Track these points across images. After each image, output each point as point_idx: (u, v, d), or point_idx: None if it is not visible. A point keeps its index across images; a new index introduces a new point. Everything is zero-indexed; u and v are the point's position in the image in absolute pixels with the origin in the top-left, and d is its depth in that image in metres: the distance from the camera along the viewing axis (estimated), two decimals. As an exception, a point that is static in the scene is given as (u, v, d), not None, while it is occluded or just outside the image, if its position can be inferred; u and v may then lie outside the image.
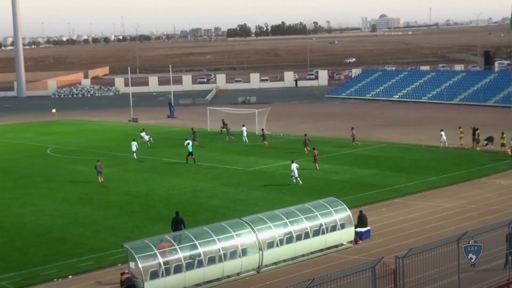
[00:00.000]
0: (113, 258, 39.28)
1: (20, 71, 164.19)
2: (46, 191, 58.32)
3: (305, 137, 73.83)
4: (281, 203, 48.12)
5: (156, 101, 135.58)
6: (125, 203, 53.05)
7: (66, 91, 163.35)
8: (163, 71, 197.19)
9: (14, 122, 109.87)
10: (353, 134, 76.74)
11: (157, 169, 66.35)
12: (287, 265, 38.01)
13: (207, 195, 54.82)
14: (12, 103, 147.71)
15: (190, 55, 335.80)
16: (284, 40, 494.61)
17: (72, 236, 44.72)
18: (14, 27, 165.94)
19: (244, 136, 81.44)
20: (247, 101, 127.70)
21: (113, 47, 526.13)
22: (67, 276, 37.12)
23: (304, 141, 72.96)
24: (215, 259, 35.61)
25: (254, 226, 37.49)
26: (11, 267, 38.76)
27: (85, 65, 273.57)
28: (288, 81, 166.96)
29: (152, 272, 33.71)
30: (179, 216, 41.77)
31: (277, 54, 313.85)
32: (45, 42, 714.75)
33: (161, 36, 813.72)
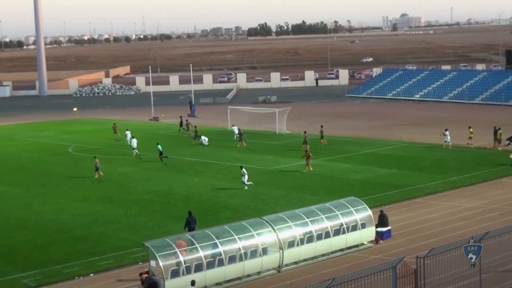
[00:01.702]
0: (134, 256, 39.41)
1: (42, 70, 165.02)
2: (67, 190, 58.59)
3: (305, 134, 74.95)
4: (302, 203, 48.08)
5: (177, 100, 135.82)
6: (145, 201, 53.20)
7: (87, 90, 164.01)
8: (184, 70, 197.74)
9: (35, 121, 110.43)
10: (321, 132, 77.41)
11: (177, 168, 66.47)
12: (307, 264, 37.97)
13: (227, 194, 54.86)
14: (34, 102, 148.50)
15: (210, 54, 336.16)
16: (305, 39, 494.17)
17: (93, 234, 44.91)
18: (36, 27, 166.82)
19: (236, 134, 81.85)
20: (267, 101, 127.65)
21: (134, 46, 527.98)
22: (88, 274, 37.29)
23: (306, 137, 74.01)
24: (235, 258, 35.63)
25: (275, 225, 37.49)
26: (33, 265, 39.00)
27: (106, 64, 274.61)
28: (308, 80, 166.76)
29: (173, 270, 33.78)
30: (192, 215, 41.89)
31: (298, 53, 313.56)
32: (67, 41, 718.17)
33: (182, 35, 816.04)
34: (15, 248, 42.63)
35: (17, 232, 46.11)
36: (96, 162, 63.31)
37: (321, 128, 77.85)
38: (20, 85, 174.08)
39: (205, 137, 79.89)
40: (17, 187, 60.31)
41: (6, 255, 41.26)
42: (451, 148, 71.24)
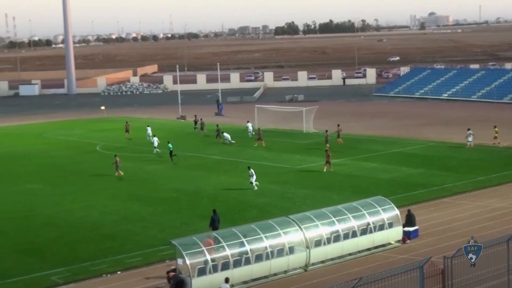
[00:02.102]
0: (161, 254, 39.59)
1: (71, 69, 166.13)
2: (95, 188, 58.98)
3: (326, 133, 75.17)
4: (329, 202, 48.03)
5: (204, 99, 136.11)
6: (173, 200, 53.43)
7: (115, 89, 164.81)
8: (211, 69, 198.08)
9: (64, 119, 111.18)
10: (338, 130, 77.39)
11: (205, 167, 66.65)
12: (334, 263, 37.95)
13: (254, 193, 54.91)
14: (63, 100, 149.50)
15: (238, 53, 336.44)
16: (332, 38, 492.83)
17: (121, 232, 45.19)
18: (64, 26, 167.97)
19: (250, 132, 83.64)
20: (294, 99, 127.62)
21: (161, 45, 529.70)
22: (115, 272, 37.54)
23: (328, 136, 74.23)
24: (262, 256, 35.70)
25: (302, 224, 37.52)
26: (61, 262, 39.32)
27: (134, 62, 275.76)
28: (335, 79, 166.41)
29: (200, 269, 33.91)
30: (217, 214, 42.02)
31: (325, 52, 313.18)
32: (95, 40, 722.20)
33: (209, 34, 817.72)
34: (44, 245, 43.01)
35: (46, 229, 46.52)
36: (117, 161, 63.67)
37: (338, 127, 77.79)
38: (49, 83, 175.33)
39: (227, 135, 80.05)
40: (46, 185, 60.80)
41: (35, 252, 41.65)
42: (473, 148, 70.75)
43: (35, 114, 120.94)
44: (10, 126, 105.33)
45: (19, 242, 43.78)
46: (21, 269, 38.42)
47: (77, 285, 35.85)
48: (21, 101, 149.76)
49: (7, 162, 73.44)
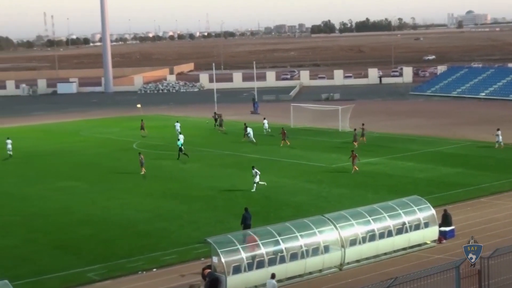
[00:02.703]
0: (197, 252, 39.72)
1: (108, 67, 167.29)
2: (131, 185, 59.33)
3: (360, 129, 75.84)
4: (364, 201, 47.86)
5: (240, 97, 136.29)
6: (208, 198, 53.58)
7: (151, 87, 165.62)
8: (247, 67, 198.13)
9: (101, 117, 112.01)
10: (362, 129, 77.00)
11: (240, 165, 66.70)
12: (369, 263, 37.82)
13: (289, 191, 54.92)
14: (100, 98, 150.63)
15: (274, 51, 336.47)
16: (369, 36, 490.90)
17: (156, 230, 45.42)
18: (102, 24, 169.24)
19: (266, 129, 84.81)
20: (330, 98, 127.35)
21: (198, 43, 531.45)
22: (151, 269, 37.75)
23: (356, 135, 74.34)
24: (297, 255, 35.69)
25: (337, 223, 37.44)
26: (97, 259, 39.64)
27: (170, 61, 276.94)
28: (372, 78, 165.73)
29: (235, 267, 33.97)
30: (248, 212, 42.05)
31: (361, 50, 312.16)
32: (132, 38, 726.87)
33: (245, 32, 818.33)
34: (81, 242, 43.37)
35: (83, 226, 46.89)
36: (141, 158, 64.05)
37: (362, 126, 77.47)
38: (86, 81, 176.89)
39: (250, 130, 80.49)
40: (82, 183, 61.29)
41: (72, 249, 42.02)
42: (503, 148, 70.07)
43: (72, 112, 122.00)
44: (48, 123, 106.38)
45: (56, 239, 44.21)
46: (58, 266, 38.79)
47: (113, 282, 36.09)
48: (59, 99, 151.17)
49: (45, 160, 74.18)
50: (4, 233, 45.80)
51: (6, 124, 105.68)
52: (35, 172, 67.10)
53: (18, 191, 58.76)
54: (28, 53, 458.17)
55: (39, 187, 59.95)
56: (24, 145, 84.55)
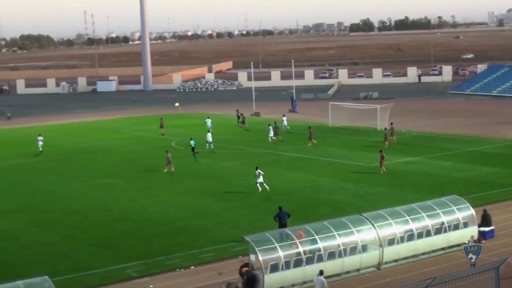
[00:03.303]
0: (234, 250, 39.83)
1: (147, 65, 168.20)
2: (169, 183, 59.64)
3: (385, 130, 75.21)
4: (402, 200, 47.61)
5: (278, 96, 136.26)
6: (246, 196, 53.67)
7: (190, 85, 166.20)
8: (285, 65, 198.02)
9: (140, 115, 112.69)
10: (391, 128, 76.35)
11: (278, 163, 66.70)
12: (407, 262, 37.63)
13: (327, 190, 54.83)
14: (139, 96, 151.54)
15: (312, 50, 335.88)
16: (408, 35, 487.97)
17: (194, 227, 45.62)
18: (141, 23, 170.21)
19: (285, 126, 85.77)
20: (369, 97, 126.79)
21: (236, 42, 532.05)
22: (189, 267, 37.93)
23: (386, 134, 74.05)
24: (335, 254, 35.62)
25: (375, 223, 37.30)
26: (136, 256, 39.91)
27: (209, 59, 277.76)
28: (411, 76, 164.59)
29: (273, 265, 34.00)
30: (283, 211, 42.01)
31: (400, 49, 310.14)
32: (171, 37, 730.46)
33: (284, 31, 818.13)
34: (119, 239, 43.72)
35: (121, 223, 47.27)
36: (169, 156, 64.45)
37: (391, 125, 76.98)
38: (126, 79, 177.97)
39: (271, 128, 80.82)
40: (121, 180, 61.75)
41: (111, 246, 42.37)
42: None
43: (111, 110, 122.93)
44: (88, 121, 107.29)
45: (95, 236, 44.59)
46: (97, 262, 39.15)
47: (151, 279, 36.30)
48: (99, 97, 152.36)
49: (84, 157, 74.82)
50: (44, 230, 46.33)
51: (47, 122, 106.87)
52: (75, 170, 67.73)
53: (58, 188, 59.38)
54: (69, 52, 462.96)
55: (79, 184, 60.52)
56: (64, 142, 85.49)
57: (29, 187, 60.19)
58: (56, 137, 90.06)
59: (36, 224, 47.69)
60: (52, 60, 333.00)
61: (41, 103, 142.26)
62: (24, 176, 65.12)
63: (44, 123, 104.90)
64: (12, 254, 41.44)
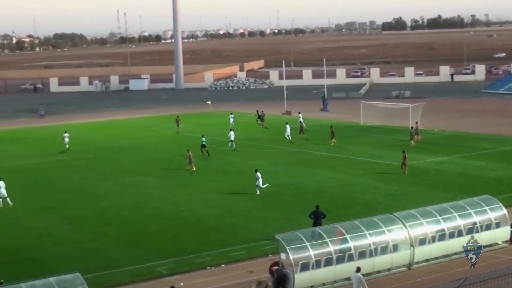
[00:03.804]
0: (265, 248, 39.85)
1: (179, 64, 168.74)
2: (200, 181, 59.79)
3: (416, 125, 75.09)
4: (434, 200, 47.30)
5: (310, 95, 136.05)
6: (277, 195, 53.67)
7: (222, 84, 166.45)
8: (317, 64, 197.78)
9: (171, 113, 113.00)
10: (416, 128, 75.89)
11: (309, 162, 66.66)
12: (439, 262, 37.43)
13: (359, 189, 54.68)
14: (171, 94, 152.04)
15: (344, 48, 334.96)
16: (440, 33, 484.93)
17: (225, 225, 45.71)
18: (174, 21, 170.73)
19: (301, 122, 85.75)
20: (401, 96, 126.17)
21: (268, 40, 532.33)
22: (219, 265, 38.02)
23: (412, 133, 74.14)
24: (365, 253, 35.52)
25: (406, 222, 37.14)
26: (167, 254, 40.08)
27: (241, 58, 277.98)
28: (443, 75, 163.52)
29: (303, 264, 33.98)
30: (319, 210, 41.98)
31: (433, 48, 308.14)
32: (203, 35, 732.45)
33: (315, 29, 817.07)
34: (150, 236, 43.93)
35: (152, 221, 47.49)
36: (190, 155, 64.75)
37: (416, 124, 76.48)
38: (158, 78, 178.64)
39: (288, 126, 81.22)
40: (153, 178, 62.03)
41: (142, 243, 42.58)
42: None
43: (144, 108, 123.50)
44: (120, 119, 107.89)
45: (126, 233, 44.85)
46: (128, 260, 39.37)
47: (182, 277, 36.43)
48: (131, 95, 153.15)
49: (116, 155, 75.31)
50: (76, 227, 46.68)
51: (79, 120, 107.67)
52: (107, 167, 68.18)
53: (90, 186, 59.79)
54: (101, 50, 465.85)
55: (110, 182, 60.90)
56: (96, 140, 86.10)
57: (62, 184, 60.69)
58: (88, 135, 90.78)
59: (68, 222, 48.08)
60: (85, 58, 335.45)
61: (73, 101, 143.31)
62: (56, 174, 65.68)
63: (76, 121, 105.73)
64: (44, 251, 41.84)
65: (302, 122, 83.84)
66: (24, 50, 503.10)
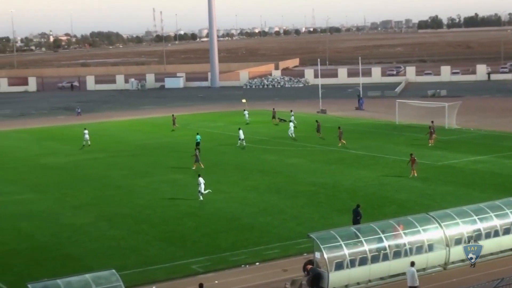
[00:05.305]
0: (299, 247, 39.88)
1: (214, 62, 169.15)
2: (236, 179, 59.97)
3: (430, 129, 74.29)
4: (470, 199, 47.02)
5: (345, 93, 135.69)
6: (311, 193, 53.67)
7: (257, 82, 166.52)
8: (352, 63, 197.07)
9: (207, 112, 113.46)
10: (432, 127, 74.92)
11: (344, 161, 66.56)
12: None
13: (394, 188, 54.49)
14: (206, 93, 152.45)
15: (380, 47, 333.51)
16: (477, 32, 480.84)
17: (260, 224, 45.81)
18: (209, 20, 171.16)
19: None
20: (437, 94, 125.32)
21: (303, 39, 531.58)
22: (254, 263, 38.12)
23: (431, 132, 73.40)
24: (400, 253, 35.42)
25: (442, 222, 36.96)
26: (202, 252, 40.30)
27: (276, 56, 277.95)
28: (480, 74, 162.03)
29: (337, 263, 33.96)
30: (358, 209, 41.95)
31: (469, 46, 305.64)
32: (238, 34, 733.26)
33: (351, 28, 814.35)
34: (186, 234, 44.17)
35: (188, 218, 47.74)
36: (197, 154, 65.48)
37: (431, 124, 75.82)
38: (193, 76, 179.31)
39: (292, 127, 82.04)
40: (188, 175, 62.24)
41: (177, 241, 42.83)
42: None
43: (180, 106, 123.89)
44: (156, 117, 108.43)
45: (162, 230, 45.14)
46: (163, 257, 39.65)
47: (217, 275, 36.58)
48: (167, 93, 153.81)
49: (152, 153, 75.73)
50: (112, 224, 47.09)
51: (115, 118, 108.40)
52: (143, 165, 68.62)
53: (126, 183, 60.25)
54: (138, 48, 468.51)
55: (147, 179, 61.29)
56: (132, 138, 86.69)
57: (99, 182, 61.21)
58: (124, 133, 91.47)
59: (104, 219, 48.51)
60: (122, 57, 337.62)
61: (110, 99, 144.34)
62: (94, 171, 66.26)
63: (112, 119, 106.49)
64: (81, 248, 42.25)
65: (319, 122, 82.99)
66: (61, 49, 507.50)
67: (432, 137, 73.24)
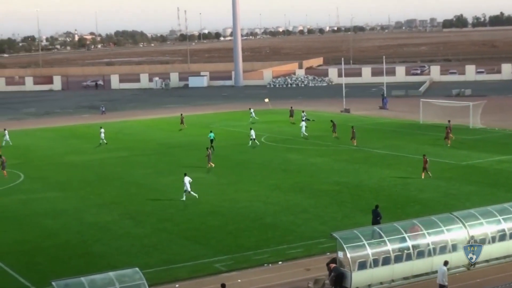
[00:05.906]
0: (322, 246, 39.86)
1: (238, 61, 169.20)
2: (259, 178, 59.98)
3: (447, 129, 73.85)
4: (495, 199, 46.77)
5: (369, 92, 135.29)
6: (335, 192, 53.59)
7: (280, 81, 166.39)
8: (376, 62, 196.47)
9: (230, 110, 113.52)
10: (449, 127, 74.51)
11: (368, 160, 66.39)
12: (499, 263, 36.99)
13: (417, 188, 54.27)
14: (230, 92, 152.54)
15: (404, 46, 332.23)
16: (503, 31, 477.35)
17: (283, 223, 45.81)
18: (233, 19, 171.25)
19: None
20: (461, 94, 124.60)
21: (327, 38, 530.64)
22: (277, 262, 38.13)
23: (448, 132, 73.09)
24: (424, 253, 35.29)
25: (466, 222, 36.76)
26: (225, 250, 40.36)
27: (299, 55, 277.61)
28: (505, 73, 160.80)
29: (360, 262, 33.90)
30: (377, 210, 41.83)
31: (495, 45, 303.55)
32: (262, 33, 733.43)
33: (375, 27, 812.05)
34: (209, 233, 44.24)
35: (211, 217, 47.83)
36: (209, 153, 65.63)
37: (448, 123, 75.24)
38: (217, 75, 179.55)
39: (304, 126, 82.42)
40: (211, 174, 62.43)
41: (200, 239, 42.92)
42: None
43: (203, 105, 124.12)
44: (179, 116, 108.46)
45: (185, 229, 45.27)
46: (186, 255, 39.75)
47: (239, 273, 36.63)
48: (190, 92, 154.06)
49: (176, 151, 75.94)
50: (136, 222, 47.28)
51: (139, 116, 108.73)
52: (166, 164, 68.81)
53: (150, 181, 60.47)
54: (162, 47, 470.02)
55: (170, 178, 61.41)
56: (155, 137, 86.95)
57: (122, 180, 61.49)
58: (148, 132, 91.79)
59: (128, 217, 48.73)
60: (146, 55, 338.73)
61: (134, 98, 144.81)
62: (117, 170, 66.56)
63: (136, 118, 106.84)
64: (104, 245, 42.48)
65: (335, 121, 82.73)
66: (85, 47, 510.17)
67: (448, 137, 72.69)
